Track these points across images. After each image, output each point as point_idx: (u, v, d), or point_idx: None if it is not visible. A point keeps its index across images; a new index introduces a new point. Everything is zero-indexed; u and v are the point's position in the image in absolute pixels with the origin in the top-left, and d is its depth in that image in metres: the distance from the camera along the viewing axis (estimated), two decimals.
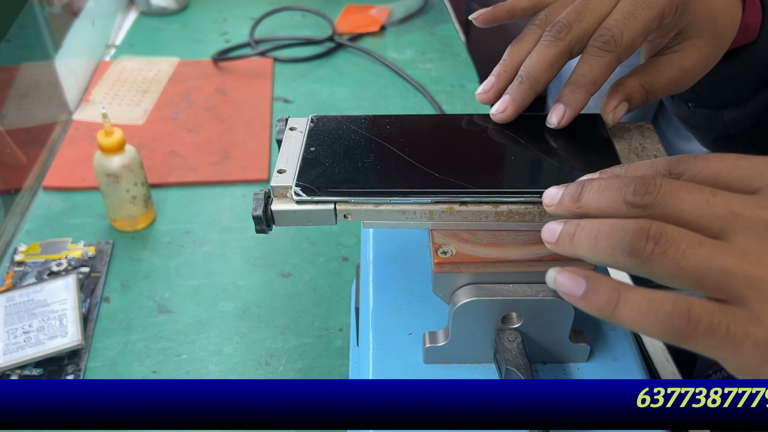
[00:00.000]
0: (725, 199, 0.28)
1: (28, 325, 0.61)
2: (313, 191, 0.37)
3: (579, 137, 0.41)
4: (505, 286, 0.36)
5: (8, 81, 0.85)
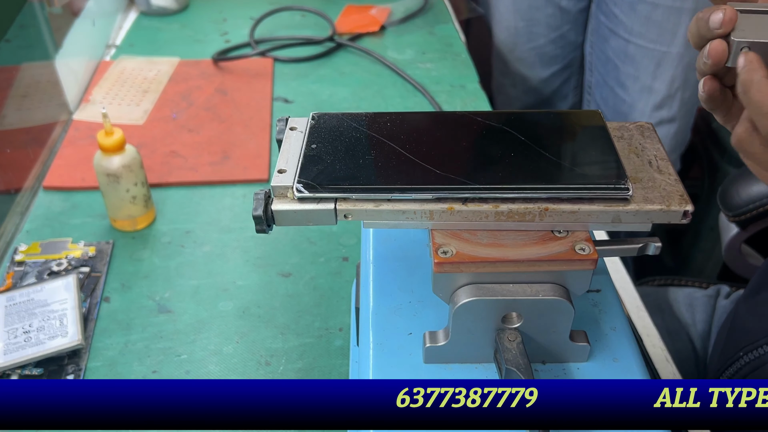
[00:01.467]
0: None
1: (28, 325, 0.61)
2: (315, 188, 0.37)
3: (579, 136, 0.41)
4: (505, 286, 0.36)
5: (8, 81, 0.85)
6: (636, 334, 0.69)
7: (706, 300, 0.79)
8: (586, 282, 0.36)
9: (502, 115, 0.42)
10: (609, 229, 0.38)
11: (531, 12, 1.22)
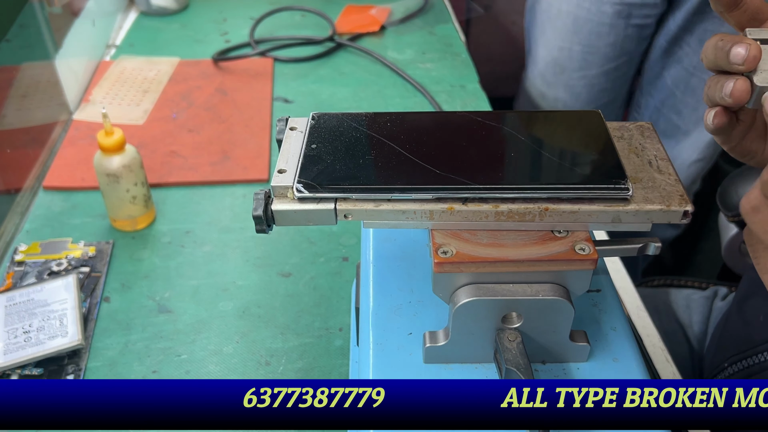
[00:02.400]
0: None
1: (28, 325, 0.61)
2: (315, 188, 0.37)
3: (579, 136, 0.41)
4: (505, 286, 0.36)
5: (8, 81, 0.85)
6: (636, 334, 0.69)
7: (704, 301, 0.79)
8: (586, 282, 0.36)
9: (502, 115, 0.42)
10: (609, 229, 0.38)
11: (591, 38, 1.11)
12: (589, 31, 1.09)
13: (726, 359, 0.63)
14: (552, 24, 1.12)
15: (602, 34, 1.09)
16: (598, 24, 1.07)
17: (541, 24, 1.16)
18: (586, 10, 1.06)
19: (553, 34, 1.13)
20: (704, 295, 0.80)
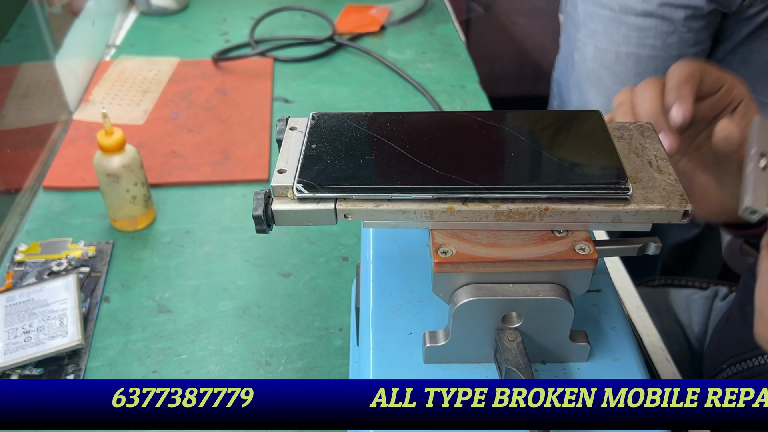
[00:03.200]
0: None
1: (28, 325, 0.61)
2: (315, 188, 0.37)
3: (579, 136, 0.41)
4: (505, 286, 0.36)
5: (8, 81, 0.85)
6: (636, 334, 0.69)
7: (704, 301, 0.79)
8: (586, 282, 0.36)
9: (502, 115, 0.42)
10: (609, 229, 0.38)
11: (658, 73, 1.04)
12: (655, 68, 1.03)
13: (725, 360, 0.63)
14: (609, 67, 1.05)
15: (668, 69, 1.06)
16: (665, 59, 1.02)
17: (590, 69, 1.08)
18: (650, 47, 1.01)
19: (611, 77, 1.06)
20: (704, 295, 0.80)
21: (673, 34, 1.00)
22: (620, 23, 1.01)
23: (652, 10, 0.98)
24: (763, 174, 0.31)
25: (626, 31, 1.01)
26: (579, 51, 1.08)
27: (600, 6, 1.02)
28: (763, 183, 0.31)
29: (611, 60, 1.04)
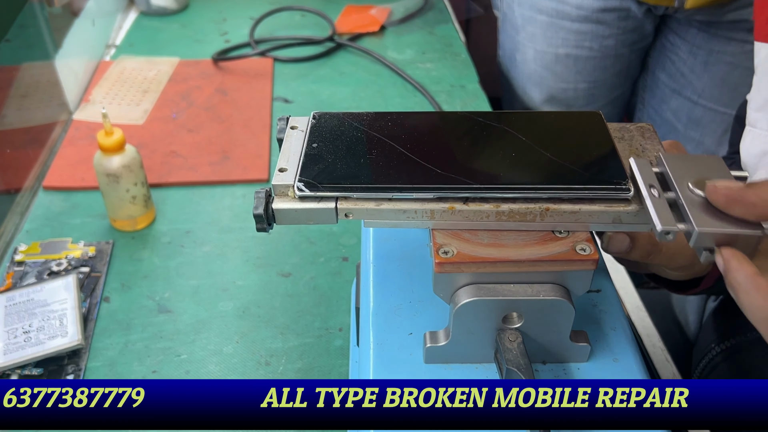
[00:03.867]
0: None
1: (28, 325, 0.61)
2: (316, 186, 0.37)
3: (580, 136, 0.41)
4: (505, 286, 0.36)
5: (8, 81, 0.85)
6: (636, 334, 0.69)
7: (698, 301, 0.79)
8: (587, 282, 0.36)
9: (503, 116, 0.42)
10: (610, 230, 0.38)
11: (596, 73, 1.07)
12: (594, 66, 1.06)
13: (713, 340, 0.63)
14: (550, 68, 1.07)
15: (608, 66, 1.06)
16: (602, 58, 1.04)
17: (532, 70, 1.11)
18: (587, 49, 1.03)
19: (552, 77, 1.08)
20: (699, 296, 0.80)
21: (609, 37, 1.02)
22: (558, 28, 1.03)
23: (587, 15, 0.99)
24: (659, 200, 0.35)
25: (564, 35, 1.03)
26: (520, 52, 1.10)
27: (536, 11, 1.04)
28: (662, 208, 0.34)
29: (551, 61, 1.07)
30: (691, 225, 0.33)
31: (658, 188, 0.36)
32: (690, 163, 0.37)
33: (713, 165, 0.37)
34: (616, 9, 0.98)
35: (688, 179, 0.35)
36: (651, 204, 0.35)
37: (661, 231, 0.33)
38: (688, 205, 0.34)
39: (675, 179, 0.36)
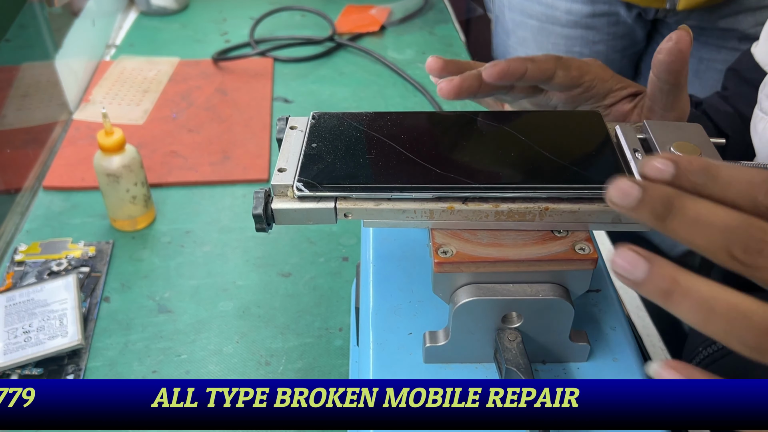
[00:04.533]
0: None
1: (28, 325, 0.61)
2: (315, 186, 0.37)
3: (579, 136, 0.41)
4: (505, 286, 0.36)
5: (8, 81, 0.85)
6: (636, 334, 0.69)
7: None
8: (586, 282, 0.36)
9: (503, 115, 0.42)
10: (609, 229, 0.38)
11: None
12: None
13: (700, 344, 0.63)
14: None
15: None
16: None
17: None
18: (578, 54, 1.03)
19: None
20: None
21: (599, 42, 1.02)
22: (548, 33, 1.03)
23: (576, 20, 0.99)
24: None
25: (554, 40, 1.03)
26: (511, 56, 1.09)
27: (527, 16, 1.04)
28: None
29: None
30: None
31: (642, 152, 0.38)
32: (672, 129, 0.40)
33: (694, 131, 0.40)
34: (606, 14, 0.98)
35: (670, 144, 0.38)
36: (635, 166, 0.37)
37: None
38: None
39: (658, 143, 0.38)
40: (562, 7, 0.99)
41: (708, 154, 0.38)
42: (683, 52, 0.41)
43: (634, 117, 0.47)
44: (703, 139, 0.39)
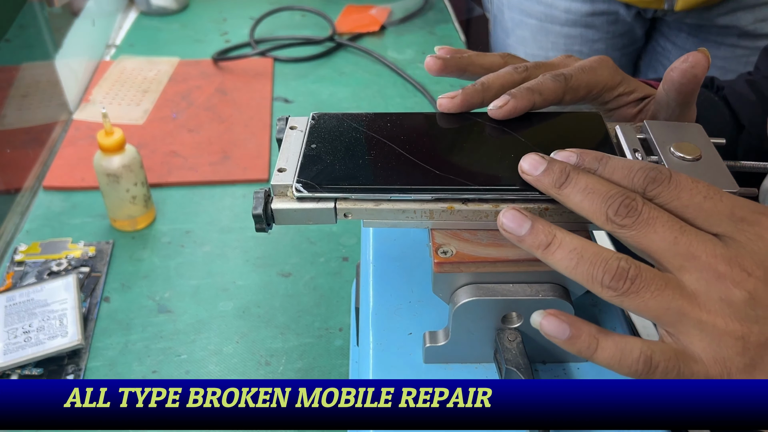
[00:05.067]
0: (689, 239, 0.31)
1: (28, 325, 0.61)
2: (314, 187, 0.37)
3: (579, 136, 0.41)
4: (505, 286, 0.36)
5: (8, 81, 0.85)
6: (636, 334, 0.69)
7: None
8: None
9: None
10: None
11: None
12: None
13: None
14: None
15: None
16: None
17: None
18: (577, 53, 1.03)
19: None
20: None
21: (598, 41, 1.02)
22: (547, 32, 1.03)
23: (575, 19, 0.99)
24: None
25: (553, 39, 1.03)
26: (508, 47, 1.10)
27: (526, 15, 1.04)
28: None
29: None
30: None
31: (642, 152, 0.38)
32: (672, 129, 0.40)
33: (694, 131, 0.40)
34: (605, 13, 0.98)
35: (670, 144, 0.38)
36: None
37: None
38: (670, 167, 0.37)
39: (657, 143, 0.38)
40: (561, 6, 0.99)
41: (708, 154, 0.38)
42: (697, 77, 0.41)
43: (637, 121, 0.47)
44: (703, 139, 0.39)
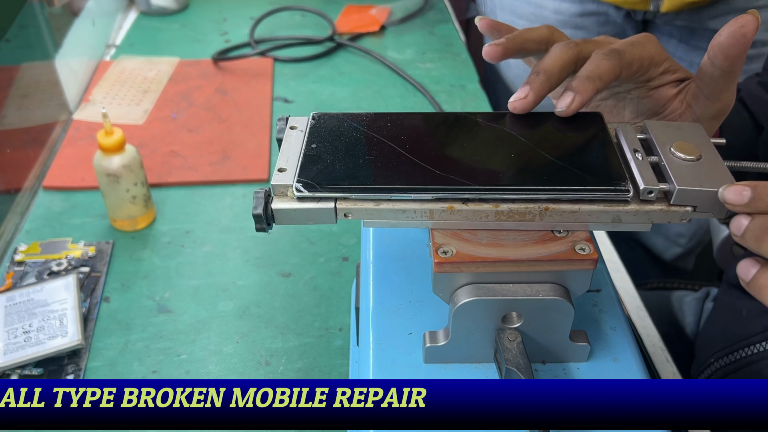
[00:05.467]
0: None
1: (28, 325, 0.61)
2: (314, 187, 0.37)
3: (579, 136, 0.41)
4: (505, 286, 0.36)
5: (8, 81, 0.85)
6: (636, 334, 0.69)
7: (696, 302, 0.79)
8: (586, 282, 0.36)
9: (503, 116, 0.42)
10: (609, 229, 0.38)
11: None
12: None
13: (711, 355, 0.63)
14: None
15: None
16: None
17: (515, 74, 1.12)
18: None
19: None
20: (696, 297, 0.80)
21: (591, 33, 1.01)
22: None
23: (565, 20, 0.99)
24: (642, 163, 0.38)
25: None
26: None
27: (517, 16, 1.04)
28: (645, 169, 0.37)
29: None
30: (673, 184, 0.36)
31: (642, 152, 0.39)
32: (672, 129, 0.40)
33: (694, 131, 0.40)
34: (594, 13, 0.98)
35: (670, 144, 0.38)
36: (635, 166, 0.37)
37: (643, 189, 0.36)
38: (670, 166, 0.37)
39: (658, 143, 0.39)
40: (551, 6, 0.99)
41: (708, 154, 0.38)
42: (746, 37, 0.39)
43: (676, 104, 0.46)
44: (704, 139, 0.39)
